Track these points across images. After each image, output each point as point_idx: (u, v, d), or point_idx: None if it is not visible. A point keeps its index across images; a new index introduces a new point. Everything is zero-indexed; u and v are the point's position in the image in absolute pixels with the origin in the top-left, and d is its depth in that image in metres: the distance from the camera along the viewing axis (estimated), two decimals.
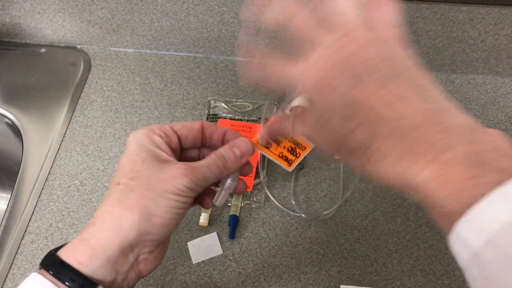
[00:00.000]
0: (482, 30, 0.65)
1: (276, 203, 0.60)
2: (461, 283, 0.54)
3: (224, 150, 0.37)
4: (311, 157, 0.64)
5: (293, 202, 0.60)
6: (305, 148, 0.41)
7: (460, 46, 0.68)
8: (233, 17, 0.69)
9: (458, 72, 0.72)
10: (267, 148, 0.41)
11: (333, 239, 0.58)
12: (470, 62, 0.70)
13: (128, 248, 0.33)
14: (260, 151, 0.41)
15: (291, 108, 0.65)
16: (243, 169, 0.40)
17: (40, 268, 0.33)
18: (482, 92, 0.70)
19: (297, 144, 0.41)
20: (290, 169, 0.42)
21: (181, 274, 0.56)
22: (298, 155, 0.42)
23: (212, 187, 0.40)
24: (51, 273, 0.31)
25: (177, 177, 0.33)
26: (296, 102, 0.65)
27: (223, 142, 0.39)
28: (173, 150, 0.37)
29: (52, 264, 0.32)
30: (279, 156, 0.41)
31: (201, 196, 0.40)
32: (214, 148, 0.38)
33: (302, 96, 0.66)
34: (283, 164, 0.42)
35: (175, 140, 0.37)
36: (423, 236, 0.57)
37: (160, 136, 0.36)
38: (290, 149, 0.41)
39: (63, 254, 0.33)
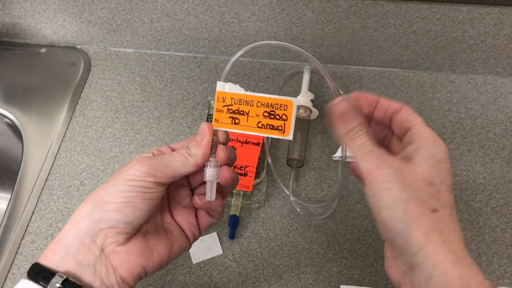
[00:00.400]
0: (482, 30, 0.65)
1: (281, 185, 0.60)
2: None
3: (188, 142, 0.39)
4: (311, 156, 0.64)
5: (292, 198, 0.60)
6: (287, 106, 0.37)
7: (460, 46, 0.68)
8: (233, 17, 0.69)
9: (458, 72, 0.72)
10: (236, 124, 0.38)
11: (333, 239, 0.58)
12: (470, 62, 0.70)
13: (88, 238, 0.34)
14: (231, 130, 0.38)
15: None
16: (218, 154, 0.39)
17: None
18: (482, 92, 0.70)
19: (273, 106, 0.37)
20: (288, 136, 0.37)
21: (181, 274, 0.56)
22: (284, 117, 0.37)
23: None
24: (27, 274, 0.34)
25: (131, 165, 0.36)
26: (300, 101, 0.65)
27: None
28: None
29: (30, 267, 0.35)
30: (258, 127, 0.38)
31: (200, 213, 0.42)
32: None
33: (305, 95, 0.65)
34: (274, 134, 0.37)
35: (167, 152, 0.39)
36: None
37: (152, 153, 0.39)
38: (266, 114, 0.38)
39: (40, 256, 0.35)
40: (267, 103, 0.37)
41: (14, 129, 0.70)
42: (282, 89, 0.71)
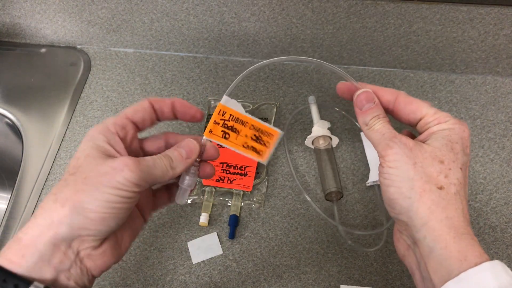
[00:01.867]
0: (482, 30, 0.65)
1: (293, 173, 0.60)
2: None
3: (170, 151, 0.37)
4: (311, 156, 0.64)
5: (340, 228, 0.59)
6: (272, 135, 0.40)
7: (460, 46, 0.68)
8: (233, 17, 0.69)
9: (458, 72, 0.72)
10: (226, 138, 0.40)
11: (333, 239, 0.58)
12: (470, 62, 0.70)
13: (64, 244, 0.32)
14: (219, 143, 0.40)
15: (313, 141, 0.63)
16: (204, 170, 0.40)
17: None
18: (482, 92, 0.70)
19: (261, 131, 0.40)
20: (264, 161, 0.40)
21: (181, 274, 0.56)
22: (266, 144, 0.40)
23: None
24: None
25: (118, 169, 0.32)
26: (318, 132, 0.63)
27: (174, 114, 0.40)
28: (132, 141, 0.37)
29: None
30: (243, 146, 0.40)
31: (159, 191, 0.41)
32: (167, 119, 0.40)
33: (322, 125, 0.63)
34: (253, 156, 0.40)
35: (131, 130, 0.37)
36: None
37: (116, 133, 0.36)
38: (254, 137, 0.40)
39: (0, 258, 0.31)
40: (258, 128, 0.40)
41: (14, 129, 0.70)
42: (293, 126, 0.67)
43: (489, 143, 0.65)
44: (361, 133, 0.65)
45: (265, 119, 0.66)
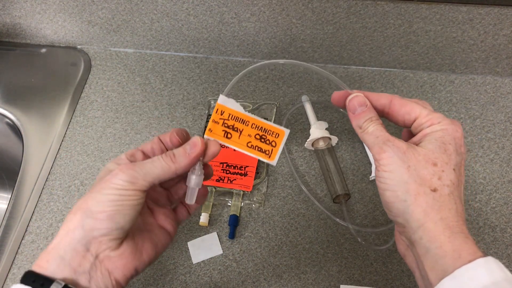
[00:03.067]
0: (481, 30, 0.65)
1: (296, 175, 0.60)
2: None
3: (175, 149, 0.39)
4: (312, 156, 0.64)
5: (351, 227, 0.60)
6: (278, 134, 0.40)
7: (460, 46, 0.68)
8: (233, 17, 0.69)
9: (458, 72, 0.72)
10: (228, 138, 0.40)
11: (333, 239, 0.58)
12: (470, 62, 0.71)
13: (81, 247, 0.35)
14: (222, 143, 0.40)
15: (313, 143, 0.63)
16: (207, 171, 0.41)
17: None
18: (481, 92, 0.70)
19: (265, 130, 0.40)
20: (273, 161, 0.40)
21: (181, 274, 0.56)
22: (274, 144, 0.40)
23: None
24: (21, 281, 0.35)
25: (114, 174, 0.37)
26: (317, 134, 0.63)
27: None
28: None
29: (24, 275, 0.36)
30: (248, 146, 0.40)
31: (178, 207, 0.44)
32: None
33: (320, 126, 0.63)
34: (261, 156, 0.40)
35: (139, 156, 0.40)
36: None
37: (126, 157, 0.40)
38: (258, 136, 0.40)
39: (33, 265, 0.36)
40: (261, 127, 0.40)
41: (15, 129, 0.70)
42: (293, 126, 0.67)
43: (489, 143, 0.65)
44: None
45: (265, 119, 0.66)
